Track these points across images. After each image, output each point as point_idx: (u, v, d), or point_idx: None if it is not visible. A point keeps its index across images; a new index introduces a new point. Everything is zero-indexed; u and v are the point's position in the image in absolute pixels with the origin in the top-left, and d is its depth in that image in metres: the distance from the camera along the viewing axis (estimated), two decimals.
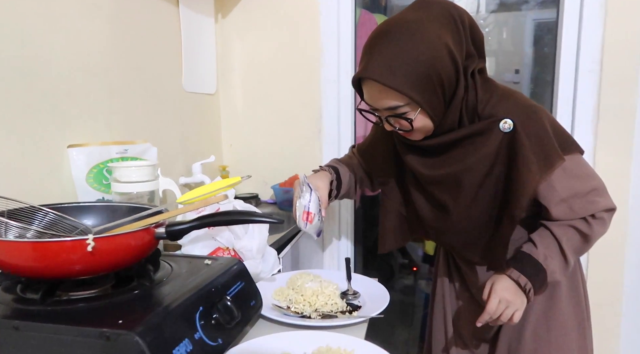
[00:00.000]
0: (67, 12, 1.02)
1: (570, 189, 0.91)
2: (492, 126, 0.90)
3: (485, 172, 0.92)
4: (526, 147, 0.88)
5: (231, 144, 1.84)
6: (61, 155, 1.01)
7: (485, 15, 2.60)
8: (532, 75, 2.68)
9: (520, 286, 0.92)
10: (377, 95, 0.89)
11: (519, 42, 2.69)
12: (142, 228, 0.71)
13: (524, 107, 0.90)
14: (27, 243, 0.66)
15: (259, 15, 1.75)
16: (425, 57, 0.83)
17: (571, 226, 0.93)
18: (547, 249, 0.92)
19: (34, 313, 0.63)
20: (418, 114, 0.88)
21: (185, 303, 0.68)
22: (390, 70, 0.83)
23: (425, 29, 0.84)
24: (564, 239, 0.92)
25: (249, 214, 0.78)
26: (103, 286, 0.74)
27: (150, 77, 1.34)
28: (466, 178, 0.94)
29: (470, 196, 0.95)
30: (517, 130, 0.88)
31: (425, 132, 0.94)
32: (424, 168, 0.99)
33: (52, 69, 0.99)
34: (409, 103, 0.87)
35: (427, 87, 0.85)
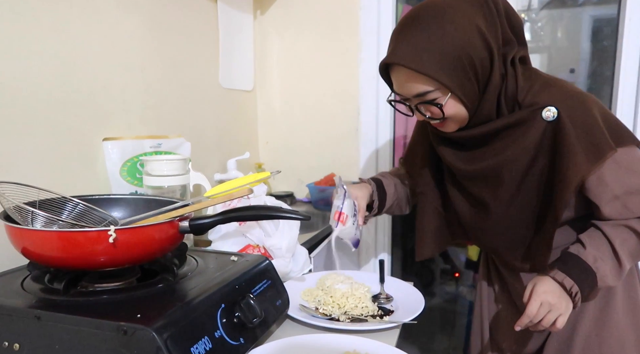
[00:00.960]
0: (105, 9, 1.04)
1: (624, 185, 0.82)
2: (534, 115, 0.83)
3: (527, 165, 0.85)
4: (571, 136, 0.80)
5: (267, 141, 1.83)
6: (96, 148, 1.02)
7: (537, 10, 2.47)
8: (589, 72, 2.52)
9: (566, 289, 0.83)
10: (404, 81, 0.84)
11: (574, 38, 2.54)
12: (165, 221, 0.70)
13: (569, 95, 0.83)
14: (52, 232, 0.65)
15: (297, 11, 1.72)
16: (455, 40, 0.78)
17: (626, 226, 0.83)
18: (597, 251, 0.83)
19: (56, 303, 0.62)
20: (449, 100, 0.82)
21: (207, 299, 0.66)
22: (417, 54, 0.79)
23: (455, 12, 0.79)
24: (617, 240, 0.82)
25: (274, 209, 0.74)
26: (128, 279, 0.73)
27: (187, 73, 1.35)
28: (506, 172, 0.87)
29: (510, 191, 0.88)
30: (561, 118, 0.81)
31: (460, 122, 0.87)
32: (460, 162, 0.92)
33: (90, 64, 1.00)
34: (439, 88, 0.81)
35: (457, 70, 0.79)
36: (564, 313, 0.82)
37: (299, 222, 0.99)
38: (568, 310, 0.83)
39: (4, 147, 0.84)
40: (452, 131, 0.90)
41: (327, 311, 0.86)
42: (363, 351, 0.69)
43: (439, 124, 0.89)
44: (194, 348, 0.59)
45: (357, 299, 0.87)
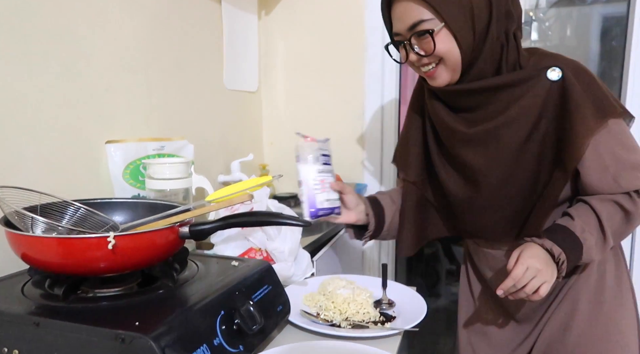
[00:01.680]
0: (109, 10, 1.04)
1: (615, 156, 0.82)
2: (538, 74, 0.83)
3: (530, 127, 0.84)
4: (579, 94, 0.80)
5: (272, 142, 1.83)
6: (99, 150, 1.02)
7: (545, 9, 2.44)
8: (598, 72, 2.49)
9: (553, 257, 0.81)
10: (401, 13, 0.83)
11: (582, 37, 2.50)
12: (165, 227, 0.69)
13: (571, 60, 0.84)
14: (51, 239, 0.65)
15: (302, 12, 1.71)
16: None
17: (613, 201, 0.83)
18: (584, 223, 0.82)
19: (55, 310, 0.62)
20: (442, 30, 0.81)
21: (206, 306, 0.66)
22: None
23: None
24: (604, 214, 0.82)
25: (274, 215, 0.74)
26: (129, 284, 0.73)
27: (191, 74, 1.34)
28: (507, 133, 0.85)
29: (511, 155, 0.86)
30: (566, 78, 0.81)
31: (452, 67, 0.84)
32: (459, 124, 0.89)
33: (93, 65, 1.00)
34: (434, 18, 0.81)
35: (454, 5, 0.80)
36: (549, 280, 0.80)
37: (295, 230, 0.99)
38: (552, 278, 0.81)
39: (8, 150, 0.84)
40: (444, 80, 0.87)
41: (329, 316, 0.85)
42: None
43: (431, 72, 0.87)
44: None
45: (358, 305, 0.86)
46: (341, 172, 1.72)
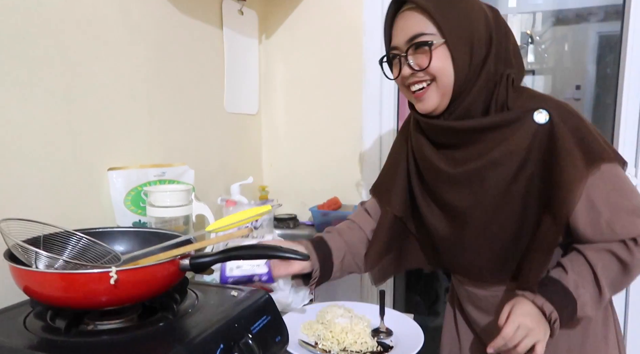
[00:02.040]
0: (112, 39, 1.06)
1: (609, 202, 0.79)
2: (524, 116, 0.82)
3: (515, 169, 0.82)
4: (567, 140, 0.79)
5: (271, 163, 1.84)
6: (101, 178, 1.03)
7: (541, 31, 2.48)
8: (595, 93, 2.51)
9: (545, 315, 0.79)
10: (404, 24, 0.84)
11: (579, 57, 2.54)
12: (166, 260, 0.70)
13: (559, 102, 0.83)
14: (54, 274, 0.66)
15: (302, 36, 1.75)
16: (464, 9, 0.82)
17: (608, 251, 0.80)
18: (579, 276, 0.79)
19: (57, 345, 0.63)
20: (440, 46, 0.81)
21: (206, 339, 0.67)
22: (434, 2, 0.82)
23: (477, 3, 0.85)
24: (599, 266, 0.79)
25: (273, 248, 0.75)
26: (129, 316, 0.74)
27: (192, 99, 1.37)
28: (491, 175, 0.84)
29: (494, 198, 0.84)
30: (554, 122, 0.80)
31: (443, 91, 0.84)
32: (442, 163, 0.89)
33: (96, 93, 1.02)
34: (435, 34, 0.81)
35: (458, 29, 0.81)
36: (542, 340, 0.78)
37: None
38: (545, 337, 0.79)
39: (11, 179, 0.85)
40: (433, 103, 0.85)
41: (327, 346, 0.86)
42: None
43: (421, 93, 0.85)
44: None
45: (356, 335, 0.87)
46: (338, 193, 1.74)
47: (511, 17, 2.42)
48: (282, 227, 1.67)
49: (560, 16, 2.53)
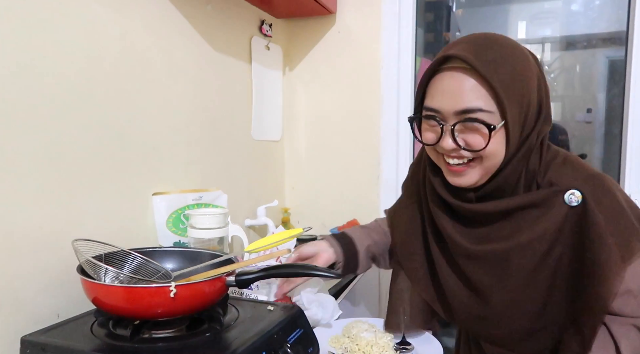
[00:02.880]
0: (159, 80, 1.18)
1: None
2: (554, 197, 0.74)
3: (543, 254, 0.75)
4: (601, 226, 0.71)
5: (293, 187, 1.95)
6: (146, 202, 1.14)
7: (550, 61, 2.57)
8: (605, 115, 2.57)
9: None
10: (456, 89, 0.70)
11: (589, 82, 2.62)
12: (216, 276, 0.80)
13: (592, 176, 0.75)
14: (121, 287, 0.76)
15: (323, 69, 1.87)
16: (526, 71, 0.72)
17: (635, 326, 0.75)
18: (603, 352, 0.74)
19: (124, 349, 0.73)
20: (499, 129, 0.70)
21: (250, 348, 0.75)
22: (491, 63, 0.69)
23: (526, 52, 0.75)
24: (622, 341, 0.73)
25: (309, 267, 0.84)
26: (179, 327, 0.83)
27: (224, 128, 1.48)
28: (516, 258, 0.77)
29: (519, 280, 0.78)
30: (587, 204, 0.72)
31: (487, 170, 0.75)
32: (464, 239, 0.81)
33: (144, 128, 1.14)
34: (494, 112, 0.70)
35: (518, 102, 0.70)
36: None
37: (316, 278, 1.07)
38: None
39: (75, 206, 0.96)
40: (471, 182, 0.76)
41: None
42: None
43: (460, 169, 0.76)
44: None
45: (380, 348, 0.95)
46: (357, 215, 1.83)
47: None
48: None
49: (569, 42, 2.62)
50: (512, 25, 2.60)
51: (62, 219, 0.93)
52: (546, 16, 2.53)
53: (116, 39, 1.05)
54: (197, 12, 1.33)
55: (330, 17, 1.84)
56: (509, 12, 2.59)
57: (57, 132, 0.92)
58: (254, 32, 1.65)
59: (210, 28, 1.38)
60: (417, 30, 1.90)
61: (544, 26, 2.54)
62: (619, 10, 2.13)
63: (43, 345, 0.74)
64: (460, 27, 2.59)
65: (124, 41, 1.07)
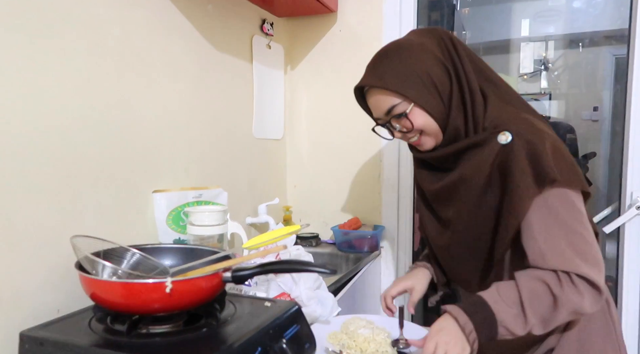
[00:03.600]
0: (160, 79, 1.19)
1: (547, 232, 0.82)
2: (490, 137, 0.90)
3: (484, 184, 0.91)
4: (522, 160, 0.84)
5: (295, 185, 1.95)
6: (147, 199, 1.15)
7: (554, 58, 2.57)
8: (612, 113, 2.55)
9: (465, 333, 0.83)
10: (375, 103, 0.97)
11: (595, 79, 2.59)
12: (212, 273, 0.81)
13: (529, 126, 0.88)
14: (118, 283, 0.77)
15: (324, 67, 1.87)
16: (412, 63, 0.92)
17: (540, 280, 0.82)
18: (501, 295, 0.83)
19: (121, 344, 0.73)
20: (413, 108, 0.92)
21: (246, 343, 0.76)
22: (381, 76, 0.94)
23: (412, 44, 0.95)
24: (525, 291, 0.81)
25: (304, 263, 0.85)
26: (176, 322, 0.83)
27: (224, 127, 1.49)
28: (462, 189, 0.94)
29: (468, 209, 0.94)
30: (514, 142, 0.86)
31: (433, 135, 0.96)
32: (427, 183, 1.03)
33: (145, 127, 1.15)
34: (403, 100, 0.93)
35: (416, 84, 0.91)
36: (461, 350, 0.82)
37: (316, 275, 1.08)
38: (465, 351, 0.82)
39: (76, 201, 0.97)
40: (430, 145, 0.98)
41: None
42: None
43: (417, 142, 0.98)
44: None
45: (377, 344, 0.95)
46: (359, 213, 1.84)
47: (524, 45, 2.51)
48: (305, 245, 1.76)
49: (573, 40, 2.61)
50: (515, 23, 2.59)
51: (62, 216, 0.94)
52: (549, 14, 2.52)
53: (117, 39, 1.06)
54: (198, 11, 1.34)
55: (331, 16, 1.84)
56: (512, 10, 2.59)
57: (58, 131, 0.93)
58: (255, 31, 1.66)
59: (211, 27, 1.39)
60: None
61: (548, 24, 2.53)
62: (621, 8, 2.12)
63: (41, 340, 0.75)
64: (465, 25, 2.58)
65: (125, 41, 1.08)
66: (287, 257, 1.03)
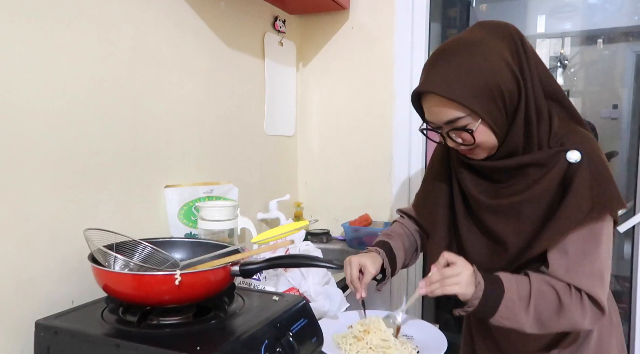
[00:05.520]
0: (172, 75, 1.21)
1: (581, 254, 0.84)
2: (558, 155, 0.86)
3: (548, 203, 0.87)
4: (585, 181, 0.83)
5: (306, 182, 1.96)
6: (159, 194, 1.17)
7: (570, 55, 2.52)
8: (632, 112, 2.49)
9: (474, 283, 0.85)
10: (436, 109, 0.87)
11: (614, 77, 2.54)
12: (221, 266, 0.82)
13: (596, 147, 0.88)
14: (128, 275, 0.79)
15: (336, 65, 1.87)
16: (483, 70, 0.83)
17: (551, 286, 0.84)
18: (515, 282, 0.85)
19: (131, 334, 0.75)
20: (479, 126, 0.85)
21: (254, 336, 0.77)
22: (448, 82, 0.84)
23: (482, 45, 0.85)
24: (535, 289, 0.84)
25: (311, 258, 0.86)
26: (186, 314, 0.85)
27: (236, 123, 1.51)
28: (527, 209, 0.89)
29: (530, 228, 0.89)
30: (583, 161, 0.84)
31: (489, 150, 0.90)
32: (482, 195, 0.95)
33: (156, 123, 1.17)
34: (470, 115, 0.85)
35: (486, 98, 0.83)
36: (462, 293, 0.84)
37: (324, 271, 1.09)
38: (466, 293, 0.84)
39: (89, 197, 1.00)
40: (481, 158, 0.92)
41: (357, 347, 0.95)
42: None
43: (469, 151, 0.92)
44: None
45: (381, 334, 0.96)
46: (369, 210, 1.84)
47: (540, 42, 2.48)
48: (316, 242, 1.77)
49: (590, 37, 2.56)
50: (531, 19, 2.55)
51: (76, 210, 0.97)
52: (566, 10, 2.48)
53: (129, 36, 1.08)
54: (211, 8, 1.35)
55: (343, 13, 1.84)
56: (528, 6, 2.55)
57: (72, 127, 0.96)
58: (267, 29, 1.67)
59: (223, 24, 1.41)
60: (433, 26, 1.89)
61: (564, 20, 2.49)
62: (639, 4, 2.07)
63: (56, 329, 0.78)
64: None
65: (137, 38, 1.10)
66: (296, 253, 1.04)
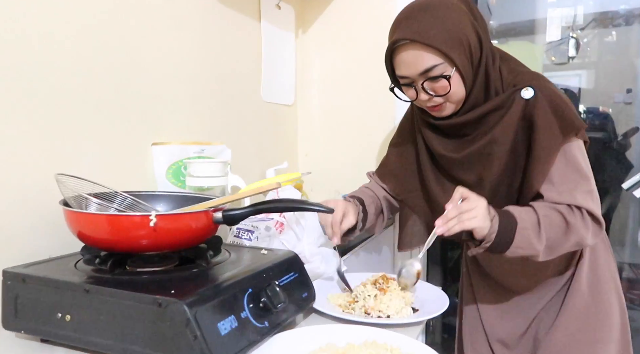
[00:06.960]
0: (160, 26, 1.15)
1: (566, 178, 0.89)
2: (513, 95, 0.92)
3: (512, 142, 0.93)
4: (546, 112, 0.89)
5: (307, 153, 1.90)
6: (145, 152, 1.11)
7: (583, 25, 2.42)
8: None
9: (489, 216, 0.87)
10: (412, 59, 0.90)
11: (628, 57, 2.44)
12: (200, 210, 0.76)
13: (545, 80, 0.94)
14: (102, 216, 0.73)
15: (338, 31, 1.80)
16: (455, 22, 0.88)
17: (555, 209, 0.88)
18: (522, 212, 0.88)
19: (102, 280, 0.70)
20: (454, 74, 0.89)
21: (236, 283, 0.71)
22: (426, 30, 0.87)
23: (450, 3, 0.91)
24: (542, 215, 0.87)
25: (299, 202, 0.80)
26: (167, 265, 0.79)
27: (231, 85, 1.44)
28: (495, 151, 0.94)
29: (500, 167, 0.94)
30: (537, 95, 0.90)
31: (457, 103, 0.94)
32: (451, 152, 0.99)
33: (145, 75, 1.10)
34: (445, 62, 0.88)
35: (459, 47, 0.88)
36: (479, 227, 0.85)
37: (320, 232, 1.03)
38: (483, 227, 0.85)
39: (70, 147, 0.94)
40: (449, 112, 0.96)
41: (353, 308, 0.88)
42: (381, 341, 0.71)
43: (437, 108, 0.95)
44: (220, 324, 0.64)
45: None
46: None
47: (551, 11, 2.38)
48: None
49: (602, 19, 2.46)
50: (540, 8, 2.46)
51: (57, 160, 0.91)
52: None
53: None
54: None
55: None
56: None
57: (52, 72, 0.89)
58: None
59: None
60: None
61: (576, 3, 2.39)
62: None
63: (24, 276, 0.72)
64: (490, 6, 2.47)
65: None
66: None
